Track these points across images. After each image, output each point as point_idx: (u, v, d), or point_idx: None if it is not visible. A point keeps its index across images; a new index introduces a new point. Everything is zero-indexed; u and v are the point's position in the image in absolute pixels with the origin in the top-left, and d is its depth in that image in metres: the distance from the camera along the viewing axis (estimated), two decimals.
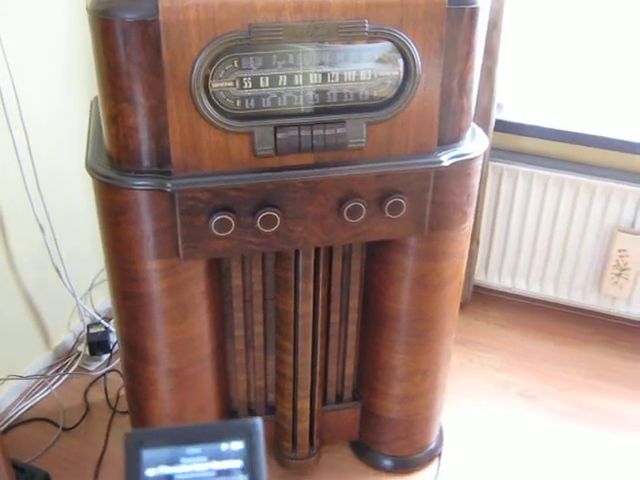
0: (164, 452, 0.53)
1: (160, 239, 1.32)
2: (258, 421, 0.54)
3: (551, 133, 2.20)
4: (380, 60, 1.28)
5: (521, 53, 2.18)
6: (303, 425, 1.70)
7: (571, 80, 2.19)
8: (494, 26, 1.98)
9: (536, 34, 2.16)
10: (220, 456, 0.53)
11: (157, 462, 0.53)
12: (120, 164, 1.28)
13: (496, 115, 2.16)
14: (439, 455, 1.88)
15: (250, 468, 0.53)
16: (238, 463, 0.53)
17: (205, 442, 0.53)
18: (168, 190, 1.25)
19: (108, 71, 1.19)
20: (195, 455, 0.53)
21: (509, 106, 2.25)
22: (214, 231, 1.30)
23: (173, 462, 0.53)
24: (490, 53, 2.01)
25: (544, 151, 2.23)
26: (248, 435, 0.53)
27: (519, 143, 2.25)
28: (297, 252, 1.46)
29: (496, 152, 2.22)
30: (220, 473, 0.53)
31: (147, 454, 0.53)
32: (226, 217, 1.29)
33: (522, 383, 2.14)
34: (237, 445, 0.53)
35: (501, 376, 2.16)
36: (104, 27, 1.15)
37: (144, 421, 1.61)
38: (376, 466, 1.84)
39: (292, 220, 1.34)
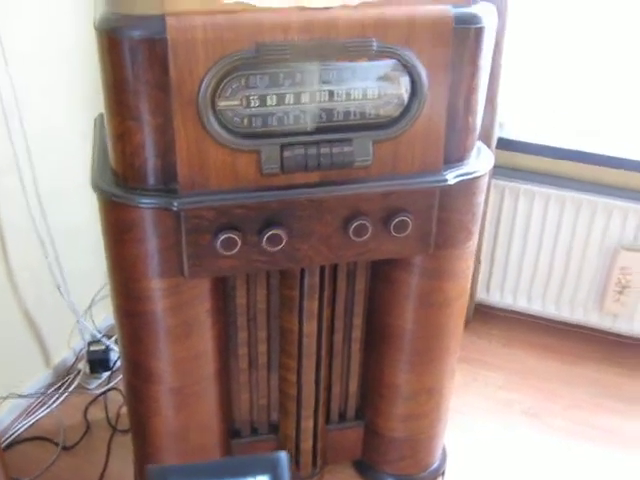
0: None
1: (165, 257, 1.31)
2: (283, 455, 0.52)
3: (552, 151, 2.20)
4: (386, 77, 1.28)
5: (522, 72, 2.18)
6: (307, 444, 1.68)
7: (572, 99, 2.19)
8: (496, 45, 1.98)
9: (537, 53, 2.16)
10: None
11: None
12: (126, 182, 1.27)
13: (498, 133, 2.16)
14: (442, 474, 1.87)
15: None
16: None
17: (230, 477, 0.51)
18: (174, 209, 1.25)
19: (115, 89, 1.19)
20: None
21: (510, 124, 2.25)
22: (220, 250, 1.29)
23: None
24: (492, 72, 2.01)
25: (545, 169, 2.23)
26: (273, 469, 0.51)
27: (520, 161, 2.25)
28: (302, 271, 1.45)
29: (498, 170, 2.21)
30: None
31: None
32: (232, 236, 1.28)
33: (525, 401, 2.13)
34: None
35: (504, 394, 2.15)
36: (112, 45, 1.15)
37: (146, 440, 1.60)
38: None
39: (298, 239, 1.34)
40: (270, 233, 1.30)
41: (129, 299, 1.39)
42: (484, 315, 2.44)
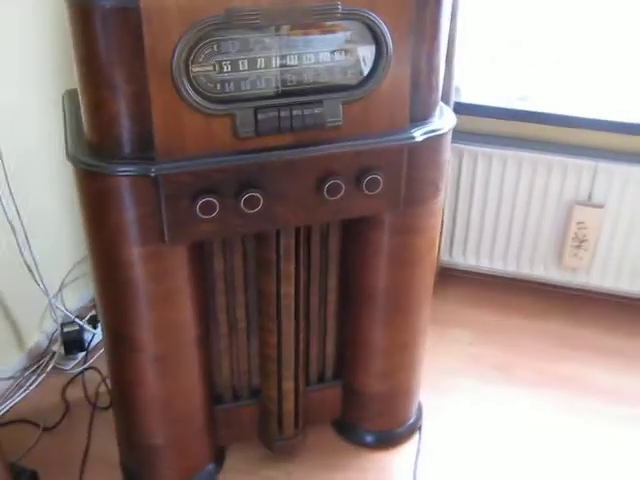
0: None
1: (145, 224, 1.34)
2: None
3: (507, 113, 2.28)
4: (352, 39, 1.32)
5: (476, 36, 2.24)
6: (288, 405, 1.73)
7: (524, 60, 2.27)
8: (452, 9, 2.03)
9: (490, 17, 2.23)
10: None
11: None
12: (103, 151, 1.29)
13: (454, 98, 2.22)
14: (419, 429, 1.93)
15: None
16: None
17: None
18: (152, 175, 1.28)
19: (89, 59, 1.21)
20: None
21: (466, 89, 2.31)
22: (199, 214, 1.32)
23: None
24: (448, 36, 2.07)
25: (502, 131, 2.30)
26: None
27: (477, 124, 2.32)
28: (278, 233, 1.49)
29: (456, 134, 2.25)
30: None
31: None
32: (210, 199, 1.31)
33: (494, 356, 2.21)
34: None
35: (473, 350, 2.23)
36: (84, 15, 1.17)
37: (131, 410, 1.62)
38: (359, 442, 1.88)
39: (274, 200, 1.37)
40: (247, 195, 1.33)
41: (110, 268, 1.41)
42: (449, 277, 2.51)
